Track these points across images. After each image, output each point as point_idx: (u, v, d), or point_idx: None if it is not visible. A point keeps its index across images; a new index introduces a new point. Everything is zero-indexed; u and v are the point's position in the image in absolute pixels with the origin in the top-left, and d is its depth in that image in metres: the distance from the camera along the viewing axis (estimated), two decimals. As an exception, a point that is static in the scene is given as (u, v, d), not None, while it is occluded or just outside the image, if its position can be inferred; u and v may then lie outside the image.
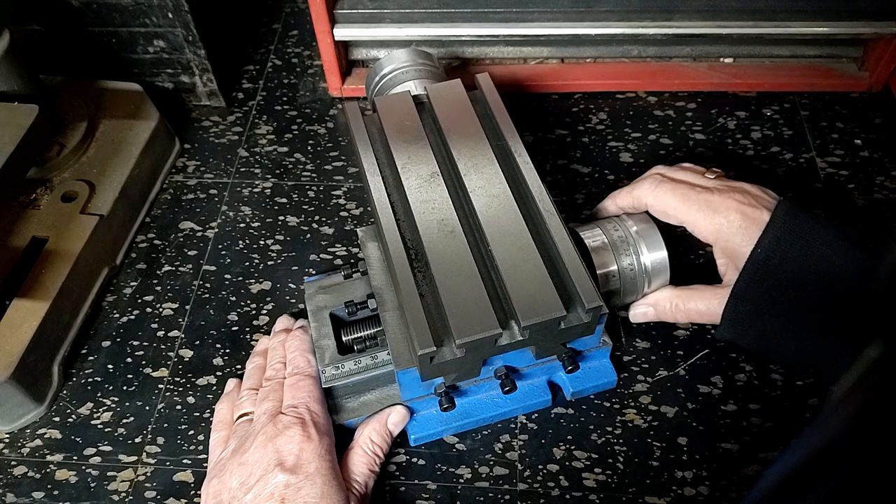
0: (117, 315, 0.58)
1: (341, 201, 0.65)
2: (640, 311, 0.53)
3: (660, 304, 0.52)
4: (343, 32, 0.67)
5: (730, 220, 0.48)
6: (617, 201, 0.55)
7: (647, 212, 0.53)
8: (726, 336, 0.49)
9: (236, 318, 0.58)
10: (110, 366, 0.55)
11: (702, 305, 0.50)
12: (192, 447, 0.51)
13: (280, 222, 0.64)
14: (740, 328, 0.48)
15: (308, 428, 0.45)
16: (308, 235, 0.63)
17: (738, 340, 0.50)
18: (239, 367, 0.55)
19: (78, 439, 0.52)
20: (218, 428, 0.50)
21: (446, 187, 0.49)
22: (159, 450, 0.51)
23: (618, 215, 0.53)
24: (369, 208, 0.63)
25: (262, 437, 0.45)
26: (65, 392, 0.54)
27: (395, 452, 0.50)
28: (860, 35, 0.67)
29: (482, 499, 0.48)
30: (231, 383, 0.53)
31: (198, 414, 0.53)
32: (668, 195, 0.51)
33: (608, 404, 0.52)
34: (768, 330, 0.47)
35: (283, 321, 0.56)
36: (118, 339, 0.57)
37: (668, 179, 0.52)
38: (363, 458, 0.47)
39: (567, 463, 0.50)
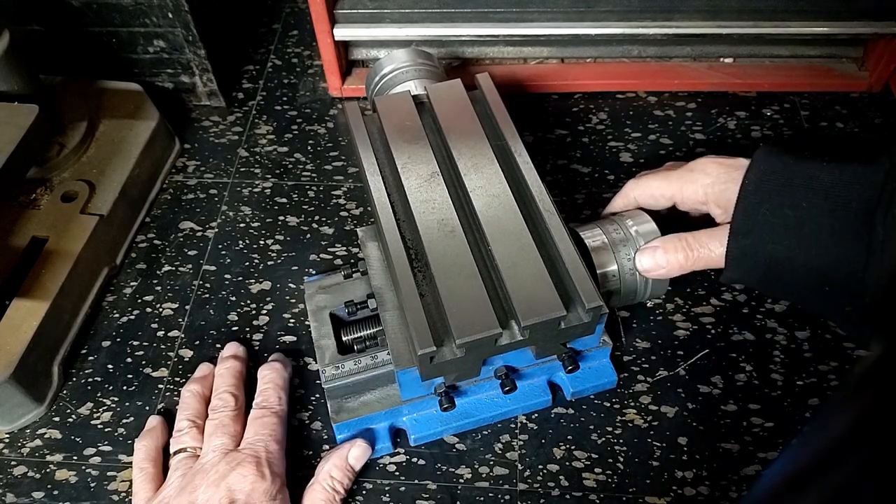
0: (117, 315, 0.58)
1: (341, 201, 0.65)
2: (648, 257, 0.49)
3: (668, 244, 0.49)
4: (343, 32, 0.67)
5: (708, 172, 0.49)
6: (611, 208, 0.55)
7: (647, 212, 0.53)
8: (733, 277, 0.47)
9: (236, 318, 0.58)
10: (110, 366, 0.55)
11: (713, 245, 0.48)
12: (192, 447, 0.51)
13: (280, 222, 0.64)
14: (745, 265, 0.46)
15: (262, 467, 0.45)
16: (308, 235, 0.63)
17: (744, 280, 0.48)
18: (239, 367, 0.55)
19: (78, 439, 0.52)
20: (143, 466, 0.48)
21: (446, 187, 0.49)
22: (159, 450, 0.51)
23: (617, 214, 0.53)
24: (369, 208, 0.63)
25: (214, 476, 0.45)
26: (65, 392, 0.54)
27: (395, 452, 0.50)
28: (860, 35, 0.67)
29: (482, 499, 0.48)
30: (154, 420, 0.51)
31: (198, 414, 0.53)
32: (650, 179, 0.52)
33: (608, 404, 0.52)
34: (773, 261, 0.45)
35: (231, 347, 0.54)
36: (118, 339, 0.57)
37: (647, 172, 0.53)
38: (322, 494, 0.47)
39: (567, 463, 0.50)
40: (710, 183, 0.48)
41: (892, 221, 0.40)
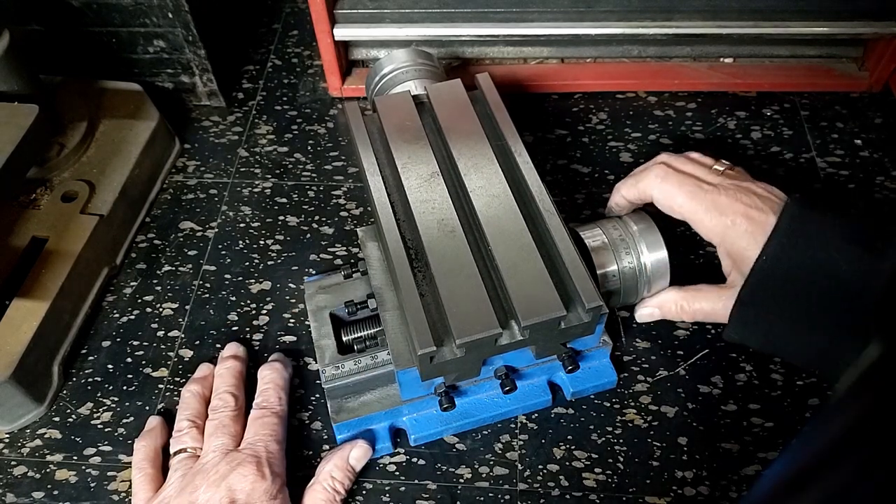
0: (117, 315, 0.58)
1: (341, 201, 0.65)
2: (647, 312, 0.53)
3: (665, 305, 0.52)
4: (343, 32, 0.67)
5: (735, 224, 0.47)
6: (623, 193, 0.53)
7: (647, 211, 0.53)
8: (733, 338, 0.49)
9: (236, 318, 0.58)
10: (110, 366, 0.55)
11: (707, 306, 0.50)
12: (192, 447, 0.51)
13: (280, 222, 0.64)
14: (747, 331, 0.48)
15: (262, 467, 0.45)
16: (308, 235, 0.63)
17: (744, 342, 0.50)
18: (239, 367, 0.55)
19: (78, 439, 0.52)
20: (142, 466, 0.48)
21: (446, 187, 0.49)
22: (159, 450, 0.51)
23: (619, 216, 0.53)
24: (369, 208, 0.63)
25: (214, 476, 0.45)
26: (65, 392, 0.54)
27: (395, 452, 0.50)
28: (860, 35, 0.67)
29: (482, 499, 0.48)
30: (154, 420, 0.51)
31: (198, 414, 0.53)
32: (675, 190, 0.50)
33: (608, 404, 0.52)
34: (775, 332, 0.47)
35: (231, 347, 0.54)
36: (118, 339, 0.57)
37: (675, 171, 0.51)
38: (322, 494, 0.47)
39: (567, 463, 0.50)
40: (732, 233, 0.47)
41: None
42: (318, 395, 0.53)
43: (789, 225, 0.46)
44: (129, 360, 0.56)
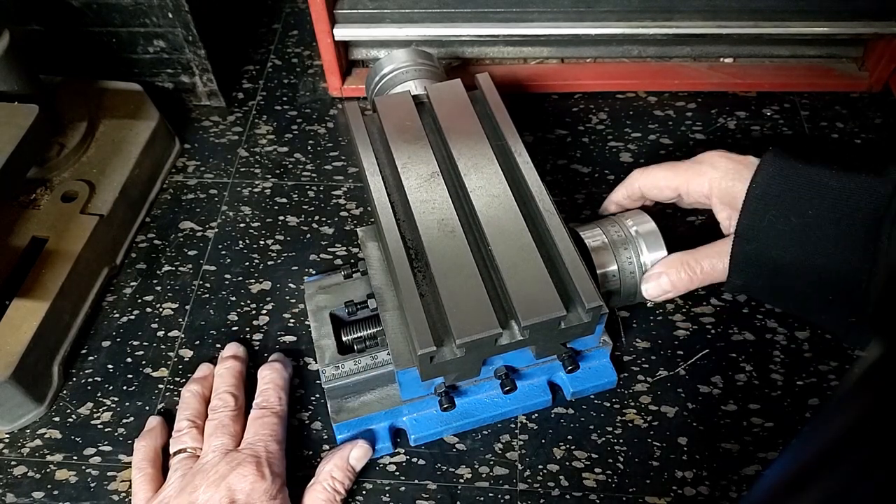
0: (117, 315, 0.58)
1: (341, 201, 0.65)
2: (654, 283, 0.49)
3: (672, 269, 0.49)
4: (343, 32, 0.67)
5: (716, 166, 0.48)
6: (613, 198, 0.55)
7: (646, 211, 0.53)
8: (736, 284, 0.47)
9: (236, 318, 0.58)
10: (110, 366, 0.55)
11: (716, 260, 0.48)
12: (192, 447, 0.51)
13: (280, 222, 0.64)
14: (749, 272, 0.46)
15: (262, 467, 0.45)
16: (308, 235, 0.63)
17: (748, 289, 0.48)
18: (239, 367, 0.55)
19: (78, 439, 0.52)
20: (142, 466, 0.48)
21: (446, 187, 0.49)
22: (159, 450, 0.51)
23: (617, 214, 0.53)
24: (369, 208, 0.63)
25: (214, 476, 0.45)
26: (65, 392, 0.54)
27: (395, 452, 0.50)
28: (860, 35, 0.67)
29: (482, 499, 0.48)
30: (154, 420, 0.51)
31: (198, 414, 0.53)
32: (656, 169, 0.52)
33: (608, 404, 0.52)
34: (778, 268, 0.45)
35: (231, 347, 0.54)
36: (118, 339, 0.57)
37: (654, 164, 0.53)
38: (323, 494, 0.47)
39: (567, 463, 0.50)
40: (718, 177, 0.48)
41: None
42: (318, 395, 0.53)
43: (775, 159, 0.45)
44: (129, 360, 0.56)
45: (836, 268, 0.43)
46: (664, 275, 0.49)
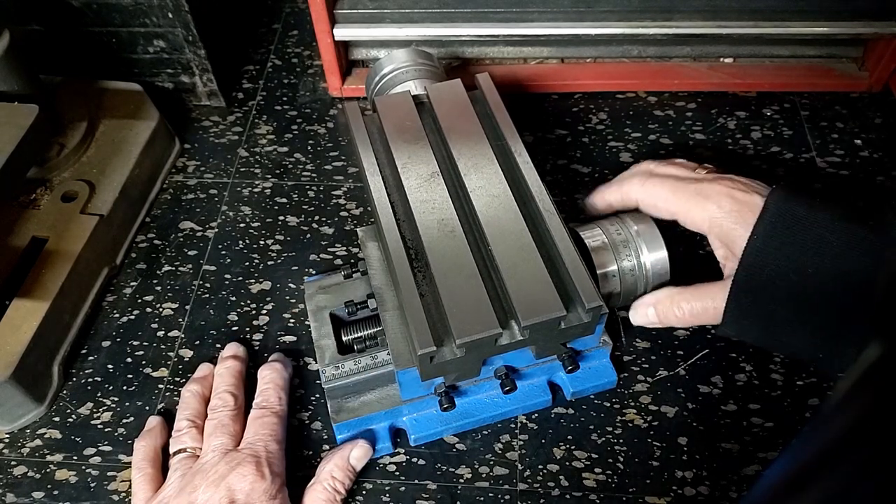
0: (117, 315, 0.58)
1: (341, 201, 0.65)
2: (642, 313, 0.51)
3: (661, 303, 0.50)
4: (343, 32, 0.67)
5: (721, 205, 0.47)
6: (605, 196, 0.54)
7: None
8: (729, 332, 0.48)
9: (236, 318, 0.58)
10: (110, 366, 0.55)
11: (708, 302, 0.48)
12: (192, 447, 0.51)
13: (280, 222, 0.64)
14: (744, 322, 0.46)
15: (262, 467, 0.45)
16: (308, 235, 0.63)
17: (741, 335, 0.48)
18: (239, 367, 0.55)
19: (78, 439, 0.52)
20: (142, 466, 0.48)
21: (446, 187, 0.49)
22: (159, 450, 0.51)
23: (616, 214, 0.53)
24: (369, 208, 0.63)
25: (213, 476, 0.45)
26: (65, 392, 0.54)
27: (395, 452, 0.50)
28: (860, 35, 0.67)
29: (482, 499, 0.48)
30: (153, 420, 0.51)
31: (198, 414, 0.53)
32: (657, 189, 0.50)
33: (608, 404, 0.52)
34: (773, 321, 0.45)
35: (231, 347, 0.54)
36: (118, 339, 0.57)
37: (657, 175, 0.51)
38: (323, 494, 0.47)
39: (567, 463, 0.50)
40: (720, 218, 0.47)
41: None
42: (318, 395, 0.53)
43: (777, 205, 0.45)
44: (129, 360, 0.56)
45: (833, 325, 0.43)
46: (652, 307, 0.50)
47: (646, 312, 0.51)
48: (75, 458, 0.51)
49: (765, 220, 0.45)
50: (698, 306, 0.49)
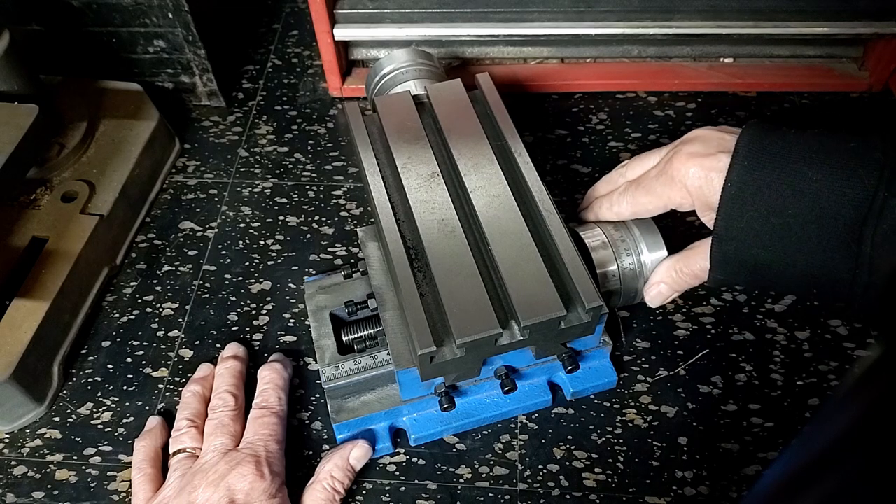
0: (117, 315, 0.58)
1: (341, 201, 0.65)
2: (655, 293, 0.50)
3: (667, 278, 0.49)
4: (343, 32, 0.67)
5: (691, 176, 0.46)
6: (599, 216, 0.53)
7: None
8: (718, 278, 0.47)
9: (236, 318, 0.58)
10: (110, 366, 0.55)
11: (702, 260, 0.47)
12: (192, 447, 0.51)
13: (280, 222, 0.64)
14: (730, 269, 0.46)
15: (261, 467, 0.45)
16: (308, 235, 0.63)
17: (731, 281, 0.47)
18: (239, 367, 0.55)
19: (78, 439, 0.52)
20: (142, 466, 0.48)
21: (446, 187, 0.49)
22: (159, 450, 0.51)
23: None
24: (369, 208, 0.63)
25: (213, 476, 0.45)
26: (65, 392, 0.54)
27: (395, 452, 0.50)
28: (860, 35, 0.67)
29: (482, 499, 0.48)
30: (153, 420, 0.51)
31: (198, 414, 0.53)
32: (639, 197, 0.50)
33: (608, 404, 0.52)
34: (759, 265, 0.45)
35: (231, 348, 0.55)
36: (118, 339, 0.57)
37: (635, 184, 0.51)
38: (323, 494, 0.47)
39: (567, 463, 0.50)
40: (695, 188, 0.46)
41: (882, 237, 0.39)
42: (318, 395, 0.53)
43: (748, 148, 0.43)
44: (129, 360, 0.56)
45: (818, 266, 0.42)
46: (663, 283, 0.50)
47: (659, 290, 0.50)
48: (75, 458, 0.51)
49: (735, 168, 0.43)
50: (700, 265, 0.48)
